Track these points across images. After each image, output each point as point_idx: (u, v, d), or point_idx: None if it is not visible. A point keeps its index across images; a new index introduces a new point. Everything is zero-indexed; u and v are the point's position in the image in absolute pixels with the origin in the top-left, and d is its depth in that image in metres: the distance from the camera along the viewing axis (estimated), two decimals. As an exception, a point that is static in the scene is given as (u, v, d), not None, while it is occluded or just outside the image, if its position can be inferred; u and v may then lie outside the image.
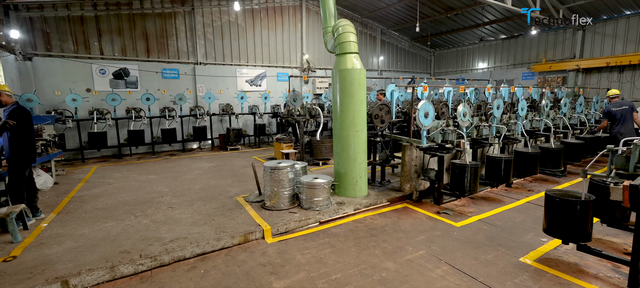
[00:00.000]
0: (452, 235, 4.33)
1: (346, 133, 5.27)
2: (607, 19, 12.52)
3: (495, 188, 6.38)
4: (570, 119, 8.59)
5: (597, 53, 12.92)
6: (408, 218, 4.93)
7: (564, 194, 3.52)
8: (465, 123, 5.53)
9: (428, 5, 13.68)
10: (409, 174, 5.63)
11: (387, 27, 17.01)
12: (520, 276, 3.37)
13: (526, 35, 14.92)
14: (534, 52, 14.88)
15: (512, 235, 4.35)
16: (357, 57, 5.24)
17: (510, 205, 5.52)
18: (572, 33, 13.47)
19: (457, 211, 5.23)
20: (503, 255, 3.79)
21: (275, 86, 13.47)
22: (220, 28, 12.28)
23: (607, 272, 3.43)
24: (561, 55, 13.95)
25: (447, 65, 19.01)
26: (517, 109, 6.83)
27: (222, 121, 12.26)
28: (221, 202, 5.53)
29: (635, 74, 12.04)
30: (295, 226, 4.57)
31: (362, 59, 16.29)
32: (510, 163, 5.73)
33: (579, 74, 13.31)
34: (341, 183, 5.48)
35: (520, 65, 15.33)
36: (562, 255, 3.81)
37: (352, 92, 5.16)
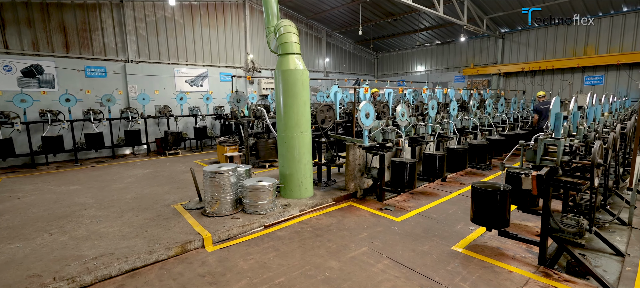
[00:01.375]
0: (393, 230, 4.54)
1: (290, 134, 5.22)
2: (521, 29, 14.39)
3: (432, 183, 6.88)
4: (494, 117, 9.66)
5: (515, 59, 14.78)
6: (352, 217, 5.05)
7: (487, 186, 3.90)
8: (403, 122, 5.87)
9: (369, 9, 14.31)
10: (353, 173, 5.78)
11: (332, 29, 17.40)
12: (452, 263, 3.65)
13: (457, 42, 16.45)
14: (464, 57, 16.49)
15: (445, 226, 4.71)
16: (299, 58, 5.23)
17: (444, 198, 5.99)
18: (494, 41, 15.22)
19: (398, 206, 5.51)
20: (438, 245, 4.08)
21: (218, 87, 12.87)
22: (154, 24, 11.35)
23: (522, 253, 3.89)
24: (486, 60, 15.67)
25: (389, 67, 20.12)
26: (449, 109, 7.46)
27: (159, 124, 11.34)
28: (156, 212, 5.08)
29: (544, 78, 14.03)
30: (239, 232, 4.39)
31: (308, 60, 16.49)
32: (444, 160, 6.22)
33: (501, 77, 15.09)
34: (286, 185, 5.41)
35: (453, 69, 16.86)
36: (487, 241, 4.23)
37: (295, 93, 5.13)
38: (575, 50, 13.01)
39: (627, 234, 4.36)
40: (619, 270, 3.46)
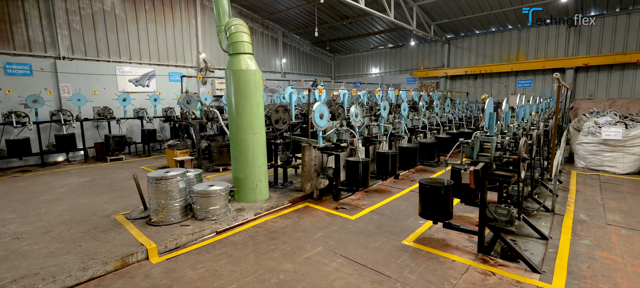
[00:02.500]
0: (347, 228, 4.64)
1: (243, 136, 5.09)
2: (464, 36, 15.64)
3: (386, 181, 7.17)
4: (441, 117, 10.36)
5: (459, 63, 16.01)
6: (308, 217, 5.07)
7: (433, 182, 4.15)
8: (357, 123, 6.03)
9: (325, 11, 14.54)
10: (309, 174, 5.81)
11: (289, 30, 17.38)
12: (402, 257, 3.83)
13: (408, 46, 17.39)
14: (414, 60, 17.47)
15: (397, 221, 4.93)
16: (251, 58, 5.13)
17: (397, 195, 6.27)
18: (441, 46, 16.34)
19: (353, 205, 5.65)
20: (389, 241, 4.26)
21: (167, 87, 12.14)
22: (91, 17, 10.36)
23: (464, 243, 4.21)
24: (434, 64, 16.76)
25: (346, 69, 20.63)
26: (401, 109, 7.84)
27: (99, 127, 10.36)
28: (93, 224, 4.63)
29: (484, 81, 15.38)
30: (188, 240, 4.16)
31: (264, 60, 16.27)
32: (396, 158, 6.52)
33: (448, 80, 16.25)
34: (240, 189, 5.27)
35: (405, 71, 17.79)
36: (433, 233, 4.51)
37: (247, 94, 5.02)
38: (509, 56, 14.48)
39: (550, 220, 4.93)
40: (543, 252, 3.91)
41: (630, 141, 7.93)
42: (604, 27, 12.19)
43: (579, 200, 5.92)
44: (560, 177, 7.57)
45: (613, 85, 12.34)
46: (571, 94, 12.95)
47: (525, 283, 3.26)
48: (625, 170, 7.94)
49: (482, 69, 14.80)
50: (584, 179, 7.41)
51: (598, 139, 8.27)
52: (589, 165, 8.48)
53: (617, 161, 8.09)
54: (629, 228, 4.57)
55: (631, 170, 7.90)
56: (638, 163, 7.86)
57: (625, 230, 4.51)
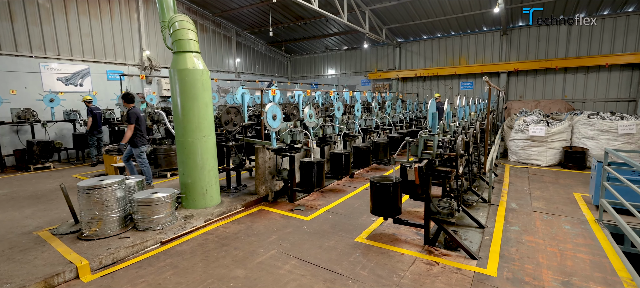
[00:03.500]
0: (302, 230, 4.66)
1: (191, 139, 4.85)
2: (413, 40, 16.60)
3: (341, 181, 7.33)
4: (393, 117, 10.87)
5: (409, 66, 16.95)
6: (262, 221, 4.99)
7: (382, 179, 4.34)
8: (311, 124, 6.09)
9: (279, 11, 14.46)
10: (263, 176, 5.72)
11: (243, 29, 16.98)
12: (354, 254, 3.94)
13: (362, 48, 17.98)
14: (368, 63, 18.12)
15: (351, 219, 5.06)
16: (198, 57, 4.91)
17: (351, 194, 6.44)
18: (393, 49, 17.16)
19: (308, 205, 5.69)
20: (343, 239, 4.36)
21: (104, 86, 11.12)
22: (7, 5, 9.10)
23: (413, 236, 4.46)
24: (387, 66, 17.55)
25: (303, 70, 20.72)
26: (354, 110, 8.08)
27: (19, 132, 9.13)
28: (9, 243, 4.07)
29: (432, 83, 16.46)
30: (128, 253, 3.85)
31: (216, 59, 15.71)
32: (350, 157, 6.70)
33: (399, 81, 17.11)
34: (189, 195, 5.01)
35: (360, 73, 18.37)
36: (384, 229, 4.71)
37: (195, 95, 4.79)
38: (453, 60, 15.70)
39: (487, 210, 5.43)
40: (480, 240, 4.29)
41: (551, 137, 9.05)
42: (530, 37, 13.79)
43: (511, 191, 6.61)
44: (496, 170, 8.39)
45: (538, 87, 14.00)
46: (505, 95, 14.44)
47: (464, 269, 3.55)
48: (548, 163, 9.04)
49: (430, 71, 15.85)
50: (516, 172, 8.29)
51: (526, 136, 9.31)
52: (519, 159, 9.51)
53: (541, 155, 9.18)
54: (549, 214, 5.21)
55: (552, 163, 9.02)
56: (558, 156, 9.00)
57: (546, 216, 5.13)
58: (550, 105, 12.90)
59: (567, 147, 8.90)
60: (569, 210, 5.40)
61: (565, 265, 3.60)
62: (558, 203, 5.75)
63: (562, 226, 4.72)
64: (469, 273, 3.46)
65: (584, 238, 4.28)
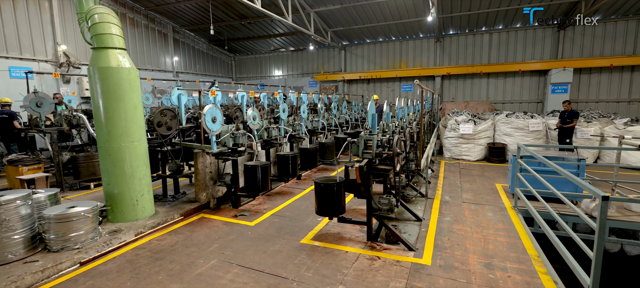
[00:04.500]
0: (246, 236, 4.52)
1: (117, 145, 4.39)
2: (357, 43, 17.25)
3: (288, 183, 7.29)
4: (339, 118, 11.16)
5: (354, 69, 17.57)
6: (203, 229, 4.73)
7: (327, 180, 4.41)
8: (255, 126, 5.95)
9: (221, 9, 13.93)
10: (204, 182, 5.43)
11: (181, 25, 16.00)
12: (300, 256, 3.94)
13: (308, 50, 18.17)
14: (315, 64, 18.37)
15: (297, 221, 5.06)
16: (124, 54, 4.47)
17: (299, 195, 6.45)
18: (338, 51, 17.64)
19: (254, 210, 5.55)
20: (288, 242, 4.33)
21: (7, 85, 9.57)
22: None
23: (357, 233, 4.61)
24: (333, 68, 17.97)
25: (248, 70, 20.23)
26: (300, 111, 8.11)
27: None
28: None
29: (376, 85, 17.28)
30: (35, 280, 3.34)
31: (150, 57, 14.57)
32: (296, 159, 6.70)
33: (345, 83, 17.65)
34: (116, 207, 4.54)
35: (307, 74, 18.54)
36: (330, 229, 4.80)
37: (120, 96, 4.35)
38: (394, 64, 16.68)
39: (424, 203, 5.86)
40: (418, 232, 4.60)
41: (478, 135, 10.12)
42: (460, 44, 15.28)
43: (445, 184, 7.22)
44: (433, 166, 9.11)
45: (467, 90, 15.57)
46: (439, 97, 15.78)
47: (403, 261, 3.77)
48: (476, 158, 10.09)
49: (373, 74, 16.64)
50: (450, 167, 9.09)
51: (458, 134, 10.27)
52: (453, 155, 10.45)
53: (470, 151, 10.21)
54: (476, 204, 5.81)
55: (479, 157, 10.09)
56: (484, 152, 10.10)
57: (474, 205, 5.71)
58: (477, 106, 14.43)
59: (490, 143, 10.03)
60: (492, 199, 6.08)
61: (488, 249, 4.04)
62: (483, 193, 6.44)
63: (485, 214, 5.29)
64: (407, 265, 3.69)
65: (503, 224, 4.85)
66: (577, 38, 13.40)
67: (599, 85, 13.47)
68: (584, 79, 13.58)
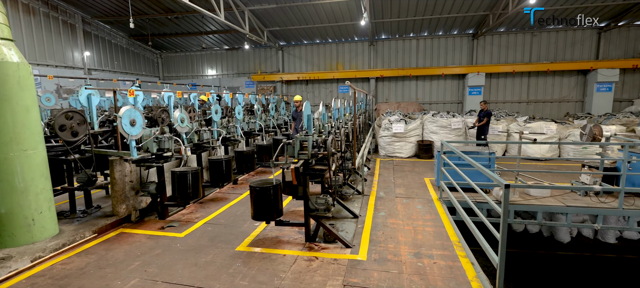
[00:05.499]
0: (174, 249, 4.18)
1: (2, 155, 3.68)
2: (295, 44, 17.34)
3: (223, 188, 6.97)
4: (277, 119, 11.08)
5: (293, 69, 17.62)
6: (122, 246, 4.24)
7: (262, 183, 4.32)
8: (183, 129, 5.56)
9: (144, 0, 12.76)
10: (122, 193, 4.88)
11: (93, 16, 14.21)
12: (235, 264, 3.78)
13: (244, 49, 17.68)
14: (252, 64, 17.95)
15: (232, 229, 4.85)
16: (10, 45, 3.78)
17: (235, 201, 6.20)
18: (276, 52, 17.50)
19: (184, 220, 5.17)
20: (222, 251, 4.12)
21: None
22: None
23: (295, 235, 4.60)
24: (271, 69, 17.77)
25: (178, 69, 18.88)
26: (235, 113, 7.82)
27: None
28: None
29: (314, 86, 17.55)
30: None
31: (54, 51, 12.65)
32: (231, 163, 6.44)
33: (283, 84, 17.58)
34: (4, 230, 3.80)
35: (243, 75, 18.01)
36: (268, 233, 4.71)
37: (6, 96, 3.66)
38: (331, 66, 17.18)
39: (361, 200, 6.12)
40: (355, 229, 4.78)
41: (409, 133, 10.96)
42: (391, 48, 16.40)
43: (380, 181, 7.65)
44: (369, 164, 9.60)
45: (399, 91, 16.79)
46: (374, 98, 16.73)
47: (340, 259, 3.88)
48: (407, 154, 10.91)
49: (311, 75, 16.90)
50: (384, 164, 9.67)
51: (391, 133, 10.99)
52: (387, 153, 11.14)
53: (402, 148, 11.01)
54: (407, 197, 6.28)
55: (411, 154, 10.94)
56: (414, 149, 10.97)
57: (405, 199, 6.16)
58: (408, 107, 15.66)
59: (420, 140, 10.95)
60: (421, 192, 6.63)
61: (417, 239, 4.39)
62: (414, 188, 6.99)
63: (415, 206, 5.74)
64: (344, 262, 3.80)
65: (430, 215, 5.33)
66: (488, 47, 15.45)
67: (505, 88, 15.71)
68: (494, 83, 15.71)
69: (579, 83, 14.95)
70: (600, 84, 14.01)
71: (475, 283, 3.29)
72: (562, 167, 8.92)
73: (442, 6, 12.80)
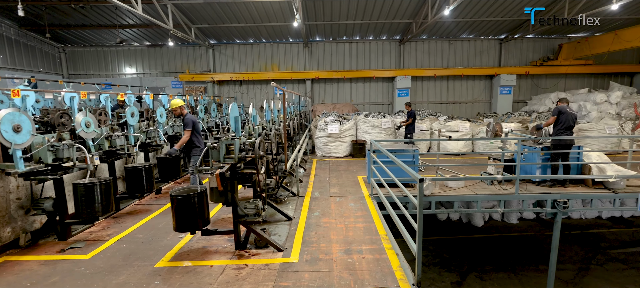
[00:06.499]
0: (77, 273, 3.66)
1: None
2: (226, 43, 16.68)
3: (143, 199, 6.36)
4: (208, 122, 10.51)
5: (225, 69, 16.93)
6: (5, 278, 3.56)
7: (186, 191, 4.02)
8: (90, 134, 4.91)
9: (39, -15, 11.01)
10: (6, 214, 4.10)
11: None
12: (153, 283, 3.45)
13: (168, 46, 16.41)
14: (179, 63, 16.76)
15: (152, 243, 4.44)
16: None
17: (157, 212, 5.69)
18: (206, 50, 16.62)
19: (92, 239, 4.56)
20: (139, 269, 3.74)
21: None
22: None
23: (224, 244, 4.40)
24: (201, 68, 16.82)
25: (87, 66, 16.72)
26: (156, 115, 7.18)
27: None
28: None
29: (249, 87, 17.11)
30: None
31: None
32: (152, 171, 5.89)
33: (215, 85, 16.79)
34: None
35: (169, 74, 16.72)
36: (194, 244, 4.42)
37: None
38: (266, 66, 16.95)
39: (296, 202, 6.13)
40: (288, 231, 4.77)
41: (343, 133, 11.36)
42: (325, 51, 16.85)
43: (316, 181, 7.77)
44: (305, 165, 9.69)
45: (334, 93, 17.32)
46: (311, 99, 17.00)
47: (272, 263, 3.82)
48: (343, 154, 11.30)
49: (245, 76, 16.44)
50: (321, 164, 9.86)
51: (327, 133, 11.26)
52: (324, 153, 11.39)
53: (338, 148, 11.36)
54: (341, 196, 6.49)
55: (346, 154, 11.35)
56: (349, 148, 11.41)
57: (339, 198, 6.35)
58: (343, 108, 16.25)
59: (354, 140, 11.43)
60: (354, 190, 6.91)
61: (348, 236, 4.55)
62: (348, 186, 7.25)
63: (348, 204, 5.96)
64: (275, 266, 3.75)
65: (361, 211, 5.58)
66: (413, 52, 16.88)
67: (429, 90, 17.33)
68: (419, 85, 17.21)
69: (487, 86, 17.25)
70: (503, 87, 16.35)
71: (399, 273, 3.53)
72: (475, 160, 10.16)
73: (371, 12, 13.59)
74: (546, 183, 6.64)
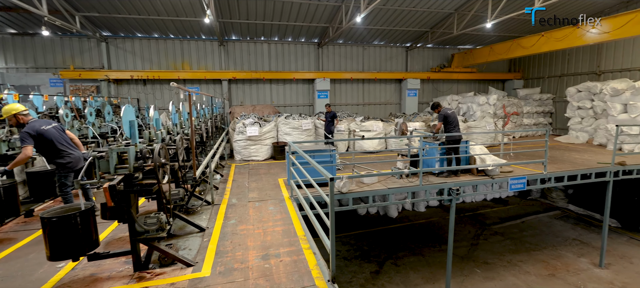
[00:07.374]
0: None
1: None
2: (125, 36, 14.79)
3: (7, 225, 5.14)
4: (101, 127, 9.13)
5: (123, 66, 14.97)
6: None
7: (64, 211, 3.37)
8: None
9: None
10: None
11: None
12: (17, 329, 2.78)
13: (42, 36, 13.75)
14: (59, 57, 14.20)
15: (20, 279, 3.60)
16: None
17: (27, 240, 4.67)
18: (97, 43, 14.44)
19: None
20: (-5, 315, 2.97)
21: None
22: None
23: (120, 267, 3.82)
24: (91, 64, 14.55)
25: None
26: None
27: None
28: None
29: (155, 87, 15.47)
30: None
31: None
32: (16, 189, 4.81)
33: (111, 84, 14.71)
34: None
35: (46, 70, 14.02)
36: (79, 273, 3.73)
37: None
38: (175, 65, 15.57)
39: (210, 211, 5.73)
40: (200, 244, 4.40)
41: (264, 136, 11.14)
42: (243, 50, 16.32)
43: (233, 187, 7.42)
44: (222, 171, 9.19)
45: (254, 94, 16.90)
46: (228, 101, 16.25)
47: (179, 281, 3.46)
48: (263, 157, 11.07)
49: (149, 74, 14.81)
50: (240, 169, 9.47)
51: (246, 136, 10.89)
52: (243, 157, 10.98)
53: (258, 151, 11.09)
54: (260, 200, 6.31)
55: (267, 156, 11.16)
56: (270, 151, 11.24)
57: (258, 203, 6.17)
58: (263, 109, 15.97)
59: (275, 142, 11.30)
60: (274, 193, 6.80)
61: (266, 241, 4.43)
62: (268, 190, 7.10)
63: (268, 208, 5.83)
64: (183, 284, 3.42)
65: (281, 214, 5.51)
66: (331, 55, 17.58)
67: (347, 92, 18.27)
68: (338, 87, 18.00)
69: (397, 89, 19.03)
70: (410, 90, 18.26)
71: (315, 271, 3.56)
72: (387, 157, 11.06)
73: (289, 14, 13.67)
74: (443, 174, 7.59)
